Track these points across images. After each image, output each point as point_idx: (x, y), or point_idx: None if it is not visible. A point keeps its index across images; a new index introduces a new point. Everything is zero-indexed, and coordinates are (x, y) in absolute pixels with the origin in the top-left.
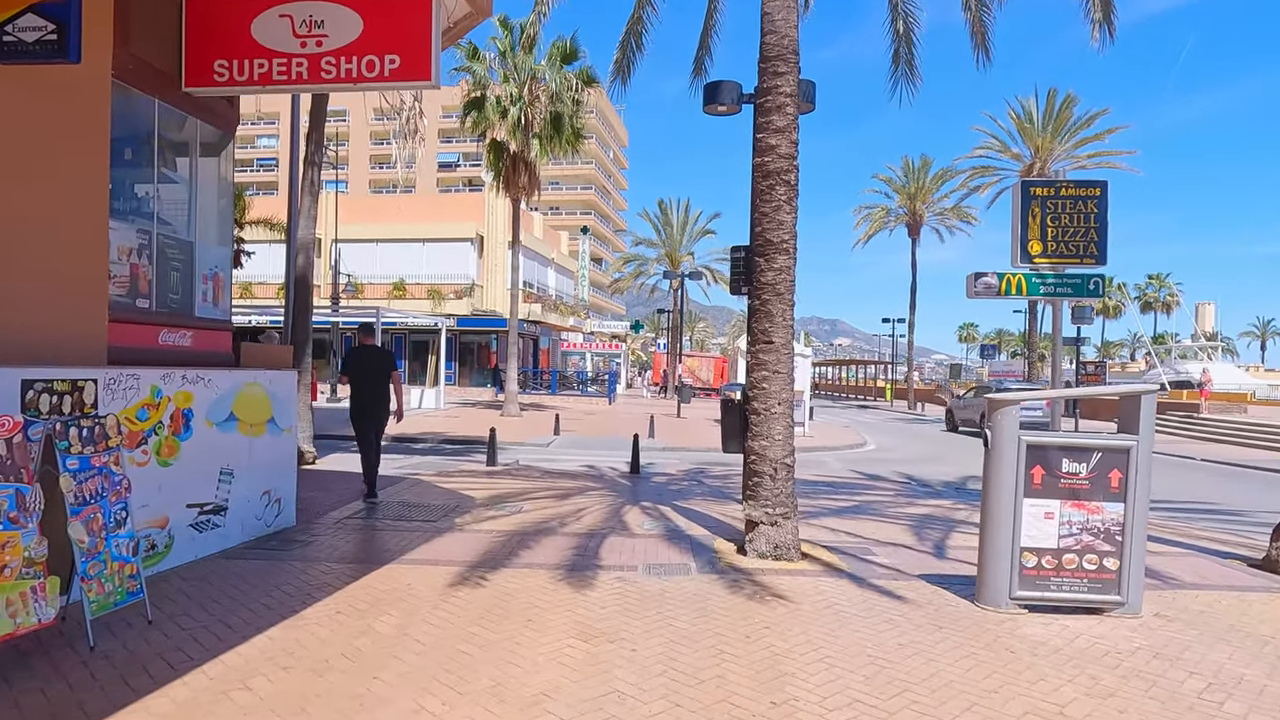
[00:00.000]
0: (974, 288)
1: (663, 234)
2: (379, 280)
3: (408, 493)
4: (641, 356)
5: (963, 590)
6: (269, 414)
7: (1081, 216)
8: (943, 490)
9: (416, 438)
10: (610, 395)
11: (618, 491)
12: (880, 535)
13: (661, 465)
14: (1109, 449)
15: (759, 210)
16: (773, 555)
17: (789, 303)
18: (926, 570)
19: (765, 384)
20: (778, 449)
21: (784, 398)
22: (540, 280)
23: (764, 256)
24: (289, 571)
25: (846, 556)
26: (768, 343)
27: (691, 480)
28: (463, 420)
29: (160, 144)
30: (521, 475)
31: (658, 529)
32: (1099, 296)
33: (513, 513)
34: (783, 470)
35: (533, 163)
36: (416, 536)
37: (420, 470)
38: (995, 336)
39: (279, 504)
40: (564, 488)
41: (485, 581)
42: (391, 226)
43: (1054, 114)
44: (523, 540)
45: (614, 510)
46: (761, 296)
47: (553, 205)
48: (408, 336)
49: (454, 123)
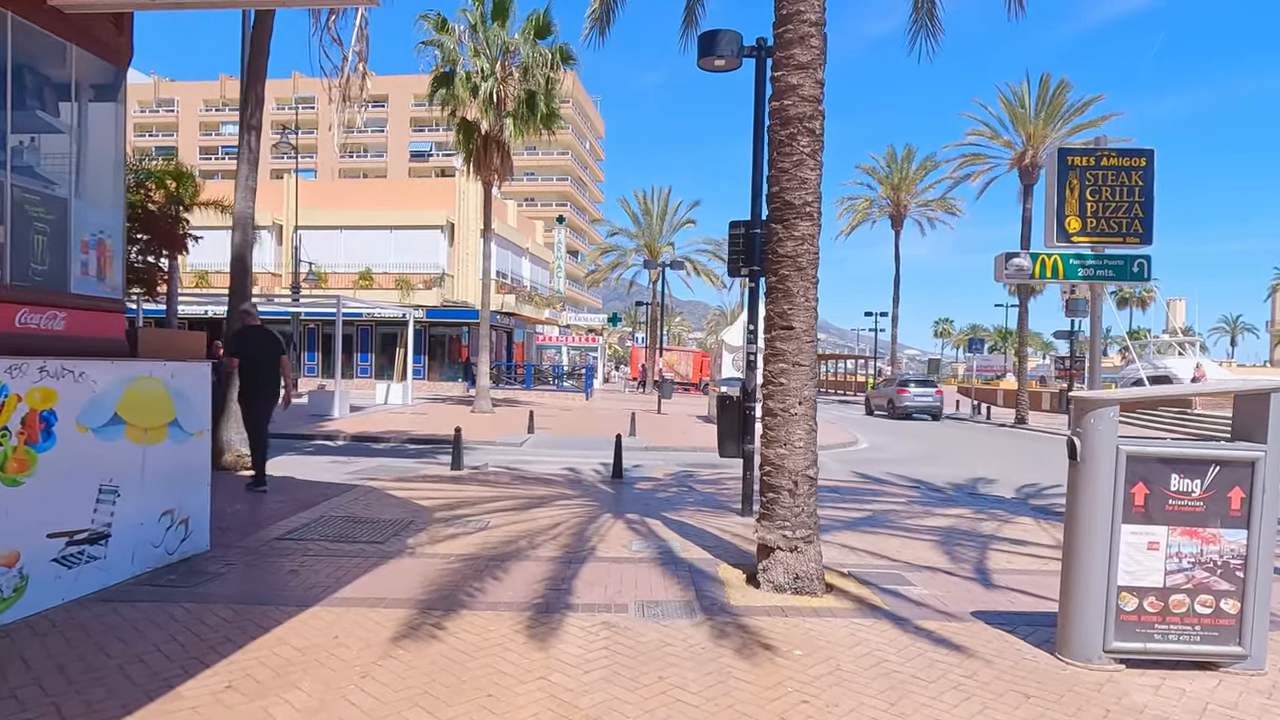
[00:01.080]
0: (1004, 270)
1: (642, 223)
2: (344, 269)
3: (356, 504)
4: (618, 350)
5: (1033, 635)
6: (170, 415)
7: (1125, 190)
8: (956, 495)
9: (378, 437)
10: (587, 390)
11: (599, 500)
12: (908, 555)
13: (646, 467)
14: (1229, 461)
15: (776, 167)
16: (792, 588)
17: (812, 279)
18: (979, 605)
19: (784, 379)
20: (799, 458)
21: (806, 395)
22: (514, 271)
23: (783, 222)
24: (180, 620)
25: (879, 589)
26: (787, 328)
27: (681, 486)
28: (430, 417)
29: (29, 79)
30: (490, 481)
31: (648, 550)
32: (1143, 280)
33: (477, 529)
34: (805, 484)
35: (506, 144)
36: (357, 564)
37: (376, 475)
38: (970, 331)
39: (185, 526)
40: (538, 496)
41: (436, 633)
42: (357, 213)
43: (1047, 99)
44: (487, 567)
45: (595, 524)
46: (779, 271)
47: (527, 196)
48: (375, 328)
49: (426, 111)
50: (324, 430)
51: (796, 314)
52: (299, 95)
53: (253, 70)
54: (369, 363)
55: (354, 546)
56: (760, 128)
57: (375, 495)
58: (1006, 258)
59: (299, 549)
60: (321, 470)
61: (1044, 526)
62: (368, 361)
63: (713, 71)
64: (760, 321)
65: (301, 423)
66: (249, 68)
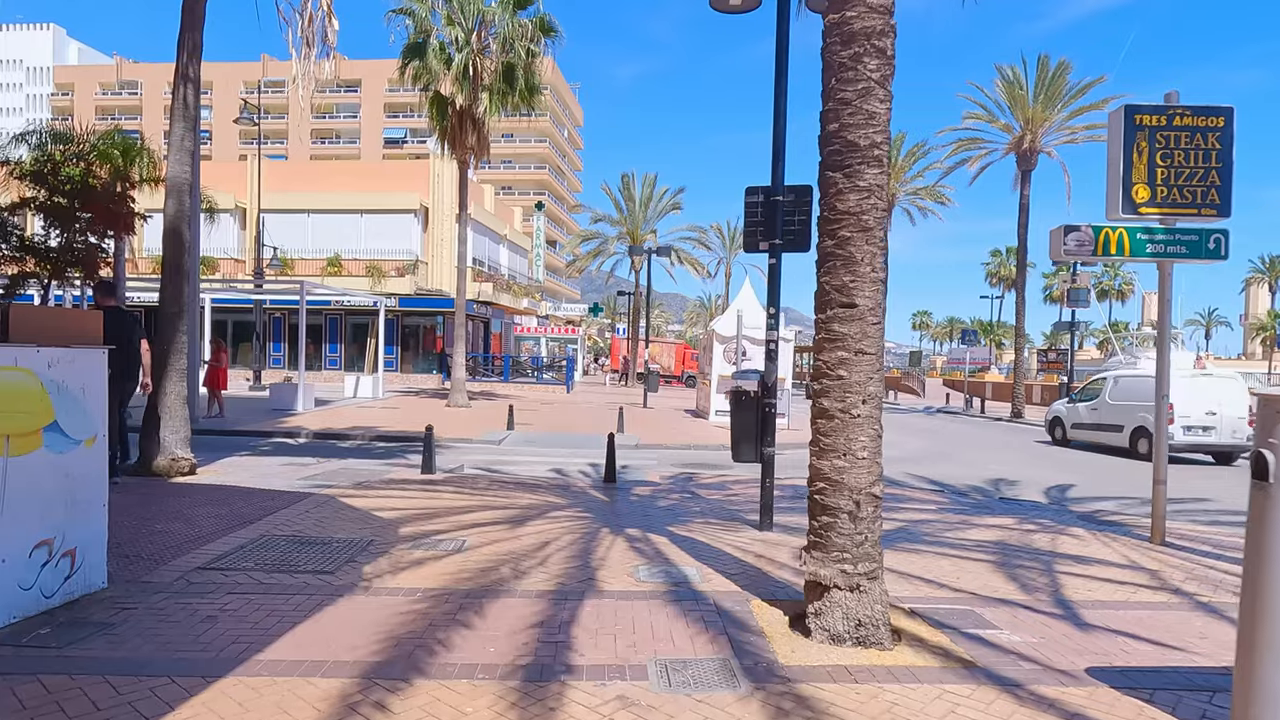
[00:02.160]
0: (1064, 245)
1: (624, 209)
2: (311, 255)
3: (306, 519)
4: (598, 342)
5: (1182, 709)
6: (46, 417)
7: (1200, 154)
8: (988, 501)
9: (343, 434)
10: (568, 383)
11: (592, 511)
12: (969, 582)
13: (639, 469)
14: None
15: (836, 98)
16: (854, 637)
17: (880, 243)
18: (1090, 658)
19: (843, 370)
20: (861, 472)
21: (871, 392)
22: (492, 258)
23: (843, 170)
24: (29, 707)
25: (959, 634)
26: (847, 306)
27: (682, 491)
28: (402, 412)
29: None
30: (467, 487)
31: (659, 578)
32: (1220, 258)
33: (451, 551)
34: (869, 505)
35: (482, 120)
36: (296, 606)
37: (336, 480)
38: (948, 324)
39: (71, 560)
40: (522, 506)
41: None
42: (326, 196)
43: (1047, 81)
44: (461, 608)
45: (592, 543)
46: (839, 233)
47: (505, 185)
48: (344, 318)
49: (400, 97)
50: (284, 427)
51: (860, 287)
52: (268, 79)
53: (187, 9)
54: (338, 354)
55: (296, 579)
56: (782, 71)
57: (331, 506)
58: (1065, 231)
59: (225, 584)
60: (272, 474)
61: (1103, 540)
62: (337, 353)
63: (726, 12)
64: (779, 306)
65: (260, 418)
66: (183, 6)
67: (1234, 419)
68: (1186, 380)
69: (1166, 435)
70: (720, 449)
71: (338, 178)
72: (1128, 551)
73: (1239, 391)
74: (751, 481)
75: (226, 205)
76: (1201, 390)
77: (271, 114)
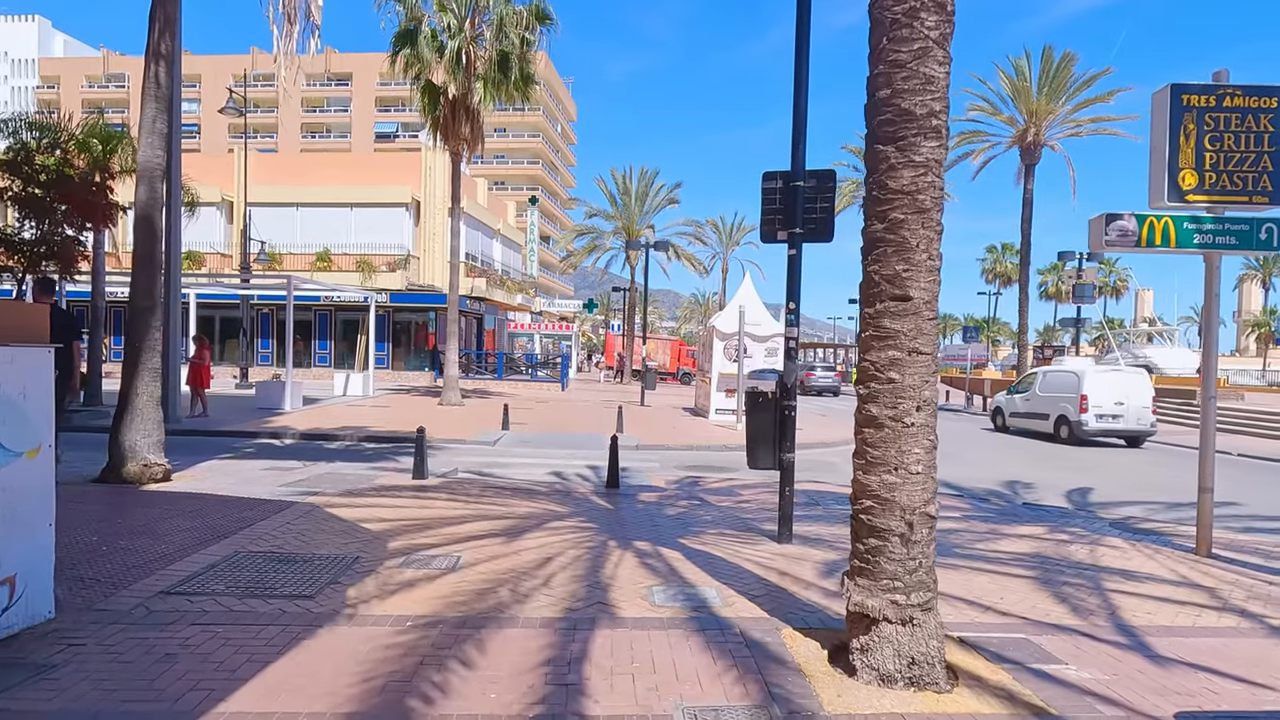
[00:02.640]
0: (1105, 236)
1: (620, 204)
2: (300, 250)
3: (287, 532)
4: (592, 339)
5: None
6: None
7: (1251, 138)
8: (1009, 506)
9: (332, 434)
10: (563, 381)
11: (596, 520)
12: (1015, 603)
13: (642, 472)
14: None
15: (887, 61)
16: (907, 677)
17: (937, 227)
18: (1177, 700)
19: (895, 372)
20: (915, 489)
21: (926, 398)
22: (485, 253)
23: (896, 143)
24: None
25: (1023, 670)
26: (900, 299)
27: (690, 498)
28: (394, 411)
29: None
30: (461, 494)
31: (676, 601)
32: (1272, 249)
33: (443, 569)
34: (923, 526)
35: (475, 110)
36: (270, 640)
37: (321, 486)
38: (941, 321)
39: (10, 589)
40: (519, 515)
41: None
42: (315, 189)
43: (1051, 73)
44: (456, 642)
45: (598, 558)
46: (890, 215)
47: (498, 180)
48: (334, 314)
49: (392, 91)
50: (269, 427)
51: (915, 278)
52: (257, 72)
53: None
54: (328, 351)
55: (271, 605)
56: (803, 41)
57: (315, 517)
58: (1107, 220)
59: (190, 612)
60: (254, 480)
61: (1145, 552)
62: (327, 350)
63: None
64: (800, 299)
65: (246, 417)
66: None
67: (1139, 408)
68: (1098, 374)
69: (1211, 439)
70: (723, 450)
71: (327, 170)
72: (1175, 565)
73: (1144, 384)
74: (761, 486)
75: (212, 198)
76: (1111, 383)
77: (261, 108)
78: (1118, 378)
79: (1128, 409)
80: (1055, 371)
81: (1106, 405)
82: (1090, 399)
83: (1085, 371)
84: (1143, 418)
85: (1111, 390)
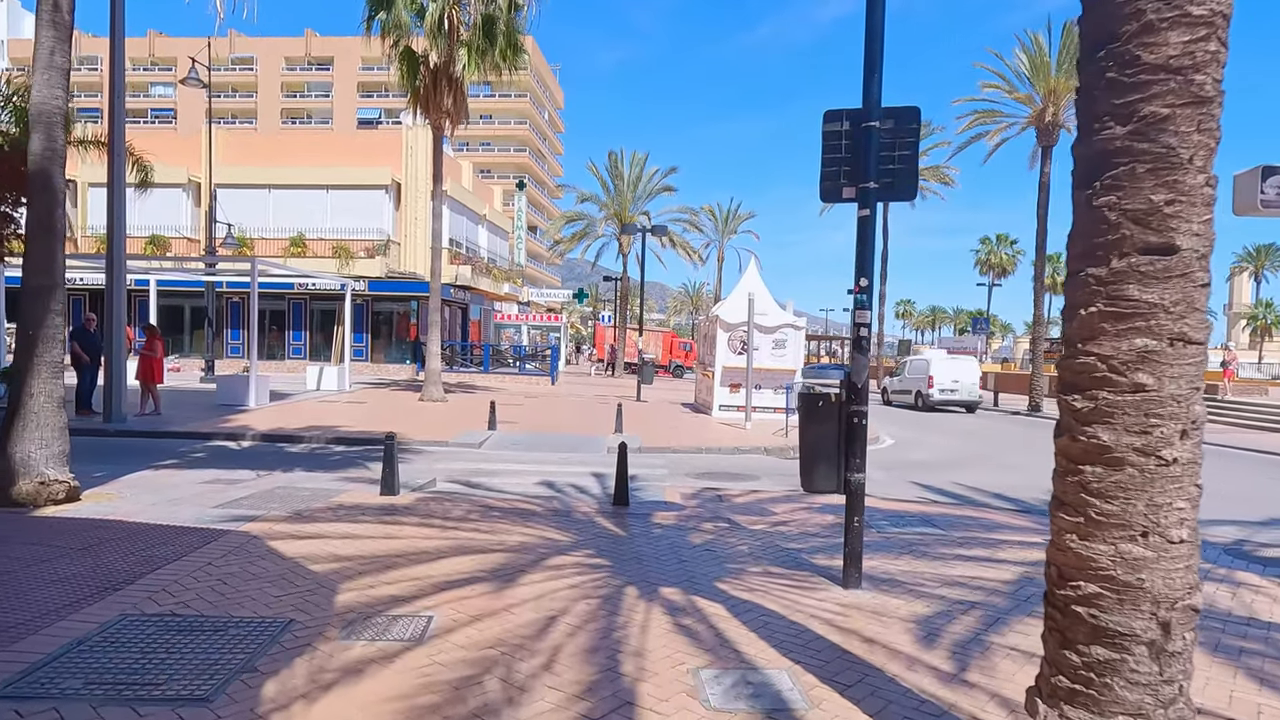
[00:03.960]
0: (1260, 193)
1: (612, 189)
2: (273, 234)
3: (206, 578)
4: (581, 330)
5: None
6: None
7: None
8: None
9: (296, 435)
10: (553, 374)
11: (607, 554)
12: (1204, 691)
13: (649, 481)
14: None
15: None
16: None
17: (1217, 133)
18: None
19: (1147, 372)
20: (1176, 568)
21: (1196, 415)
22: (470, 239)
23: None
24: None
25: None
26: (1160, 249)
27: (714, 517)
28: (369, 408)
29: None
30: (437, 516)
31: (742, 703)
32: None
33: (407, 640)
34: (1183, 627)
35: (459, 79)
36: None
37: (268, 506)
38: (931, 314)
39: None
40: (510, 547)
41: None
42: (289, 170)
43: (1072, 49)
44: None
45: (617, 618)
46: (1144, 110)
47: (484, 168)
48: (309, 303)
49: (375, 76)
50: (227, 427)
51: (1186, 215)
52: (235, 55)
53: None
54: (303, 342)
55: (142, 713)
56: None
57: (248, 554)
58: (1264, 174)
59: None
60: (186, 498)
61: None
62: (301, 341)
63: None
64: (873, 274)
65: (203, 416)
66: None
67: (969, 385)
68: (940, 361)
69: None
70: (735, 453)
71: (303, 151)
72: None
73: (973, 367)
74: (792, 501)
75: (178, 179)
76: (950, 367)
77: (240, 92)
78: (954, 363)
79: (961, 385)
80: (915, 360)
81: (946, 383)
82: (935, 379)
83: (933, 359)
84: (972, 391)
85: (949, 372)
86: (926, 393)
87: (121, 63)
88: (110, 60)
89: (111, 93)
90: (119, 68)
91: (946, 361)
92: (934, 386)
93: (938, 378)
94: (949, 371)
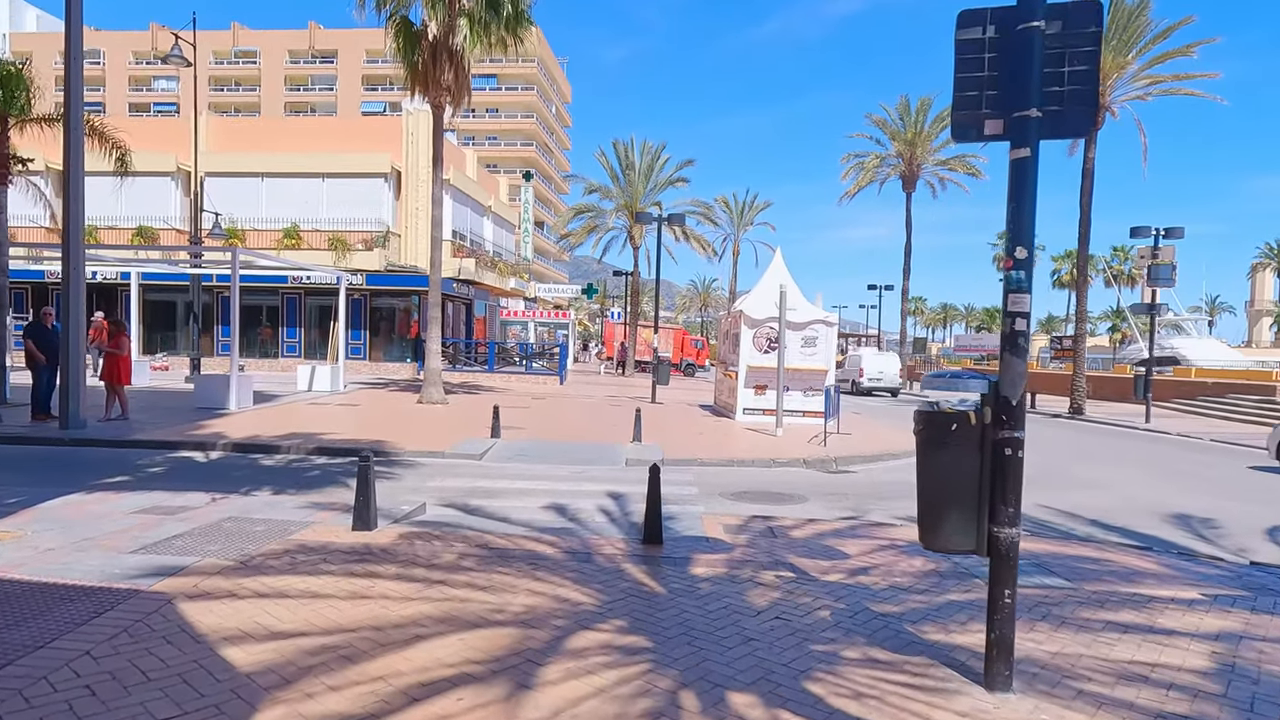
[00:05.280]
0: None
1: (622, 180)
2: (266, 225)
3: (65, 688)
4: (589, 327)
5: None
6: None
7: None
8: (1241, 570)
9: (272, 444)
10: (561, 374)
11: (644, 630)
12: None
13: (681, 504)
14: None
15: None
16: None
17: None
18: None
19: None
20: None
21: None
22: (475, 231)
23: None
24: None
25: None
26: None
27: (773, 563)
28: (362, 411)
29: None
30: (421, 564)
31: None
32: None
33: None
34: None
35: (460, 53)
36: None
37: (205, 547)
38: (941, 311)
39: None
40: (514, 616)
41: None
42: (283, 157)
43: (1123, 23)
44: None
45: None
46: None
47: (489, 162)
48: (304, 298)
49: (379, 69)
50: (199, 434)
51: None
52: (239, 49)
53: None
54: (297, 339)
55: None
56: None
57: (148, 635)
58: None
59: None
60: (102, 535)
61: None
62: (296, 338)
63: None
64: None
65: (177, 421)
66: None
67: (893, 374)
68: (870, 356)
69: None
70: (772, 465)
71: (297, 138)
72: None
73: (895, 361)
74: (862, 534)
75: (166, 167)
76: (876, 360)
77: (243, 86)
78: (881, 357)
79: (885, 374)
80: (852, 355)
81: (873, 372)
82: (865, 369)
83: (864, 354)
84: (895, 380)
85: (876, 364)
86: (859, 380)
87: (79, 28)
88: (67, 25)
89: (68, 57)
90: (75, 34)
91: (873, 357)
92: (864, 375)
93: (868, 369)
94: (876, 364)
